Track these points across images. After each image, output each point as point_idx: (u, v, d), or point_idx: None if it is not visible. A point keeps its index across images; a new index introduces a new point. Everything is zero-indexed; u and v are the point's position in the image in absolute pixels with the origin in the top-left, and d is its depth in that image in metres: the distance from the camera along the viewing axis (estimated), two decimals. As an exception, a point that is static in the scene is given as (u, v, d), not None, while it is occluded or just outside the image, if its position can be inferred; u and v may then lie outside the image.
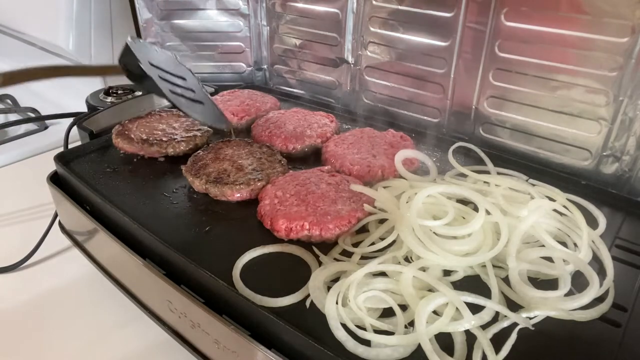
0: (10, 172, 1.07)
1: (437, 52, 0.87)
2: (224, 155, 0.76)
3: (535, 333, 0.48)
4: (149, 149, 0.78)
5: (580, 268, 0.55)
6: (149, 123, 0.85)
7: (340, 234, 0.61)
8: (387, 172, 0.73)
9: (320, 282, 0.53)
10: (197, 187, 0.71)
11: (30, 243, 0.80)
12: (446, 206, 0.60)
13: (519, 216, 0.60)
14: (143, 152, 0.79)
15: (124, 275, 0.67)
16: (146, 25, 1.13)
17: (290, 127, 0.85)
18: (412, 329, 0.48)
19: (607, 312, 0.51)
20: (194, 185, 0.71)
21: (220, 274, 0.53)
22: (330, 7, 0.99)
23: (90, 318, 0.70)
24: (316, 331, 0.48)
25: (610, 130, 0.73)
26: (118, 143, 0.80)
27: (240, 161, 0.74)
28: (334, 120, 0.90)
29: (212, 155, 0.76)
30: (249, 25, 1.14)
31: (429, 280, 0.52)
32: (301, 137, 0.83)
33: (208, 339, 0.54)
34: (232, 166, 0.73)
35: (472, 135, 0.88)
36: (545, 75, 0.76)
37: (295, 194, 0.66)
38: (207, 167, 0.73)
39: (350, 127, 0.91)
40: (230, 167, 0.73)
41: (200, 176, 0.70)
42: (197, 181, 0.70)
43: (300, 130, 0.84)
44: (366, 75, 1.00)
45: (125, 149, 0.79)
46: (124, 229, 0.64)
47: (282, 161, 0.75)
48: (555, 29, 0.72)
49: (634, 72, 0.68)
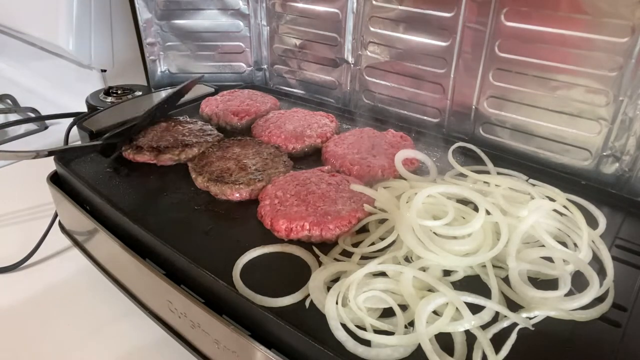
0: (10, 172, 1.07)
1: (437, 52, 0.87)
2: (231, 154, 0.76)
3: (535, 333, 0.48)
4: (162, 157, 0.77)
5: (580, 268, 0.55)
6: (157, 132, 0.84)
7: (340, 234, 0.61)
8: (387, 172, 0.73)
9: (320, 283, 0.53)
10: (199, 184, 0.71)
11: (30, 243, 0.80)
12: (446, 206, 0.60)
13: (519, 216, 0.60)
14: (155, 161, 0.78)
15: (123, 275, 0.67)
16: (146, 25, 1.13)
17: (290, 127, 0.85)
18: (412, 329, 0.48)
19: (607, 312, 0.51)
20: (196, 182, 0.71)
21: (220, 274, 0.53)
22: (330, 7, 0.99)
23: (90, 318, 0.70)
24: (316, 331, 0.48)
25: (610, 130, 0.73)
26: (128, 155, 0.79)
27: (245, 160, 0.75)
28: (334, 120, 0.90)
29: (219, 153, 0.77)
30: (249, 25, 1.14)
31: (429, 280, 0.52)
32: (301, 137, 0.83)
33: (208, 339, 0.54)
34: (236, 165, 0.73)
35: (472, 135, 0.88)
36: (545, 75, 0.76)
37: (295, 194, 0.66)
38: (212, 165, 0.73)
39: (350, 127, 0.91)
40: (234, 166, 0.73)
41: (203, 173, 0.71)
42: (199, 178, 0.71)
43: (300, 130, 0.84)
44: (366, 75, 1.00)
45: (136, 159, 0.78)
46: (124, 229, 0.64)
47: (286, 162, 0.75)
48: (555, 29, 0.72)
49: (634, 72, 0.68)
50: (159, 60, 1.18)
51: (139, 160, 0.78)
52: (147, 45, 1.15)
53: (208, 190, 0.70)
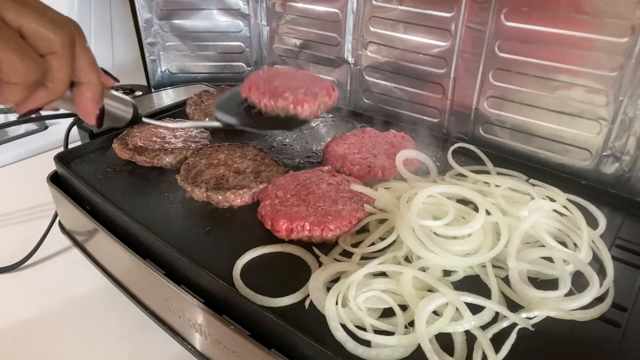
0: (10, 172, 1.07)
1: (437, 52, 0.87)
2: (218, 161, 0.74)
3: (535, 333, 0.48)
4: (138, 157, 0.76)
5: (580, 268, 0.55)
6: (152, 131, 0.83)
7: (340, 234, 0.61)
8: (387, 172, 0.73)
9: (320, 283, 0.53)
10: (198, 196, 0.68)
11: (30, 243, 0.80)
12: (446, 206, 0.60)
13: (519, 216, 0.60)
14: (134, 160, 0.77)
15: (124, 275, 0.67)
16: (146, 25, 1.13)
17: (277, 83, 0.70)
18: (412, 329, 0.48)
19: (607, 312, 0.51)
20: (193, 194, 0.68)
21: (220, 274, 0.53)
22: (330, 7, 0.99)
23: (90, 317, 0.70)
24: (316, 331, 0.48)
25: (610, 130, 0.73)
26: (115, 148, 0.78)
27: (236, 165, 0.73)
28: (333, 94, 0.72)
29: (205, 161, 0.74)
30: (249, 25, 1.14)
31: (429, 281, 0.52)
32: (275, 96, 0.68)
33: (208, 339, 0.54)
34: (229, 171, 0.71)
35: (472, 135, 0.88)
36: (545, 75, 0.76)
37: (295, 194, 0.66)
38: (203, 174, 0.70)
39: (350, 127, 0.91)
40: (227, 172, 0.71)
41: (199, 184, 0.68)
42: (196, 190, 0.68)
43: (281, 91, 0.69)
44: (366, 75, 1.00)
45: (120, 155, 0.77)
46: (124, 229, 0.64)
47: (278, 162, 0.75)
48: (555, 29, 0.72)
49: (634, 72, 0.68)
50: (159, 60, 1.18)
51: (122, 156, 0.77)
52: (147, 45, 1.15)
53: (209, 199, 0.68)
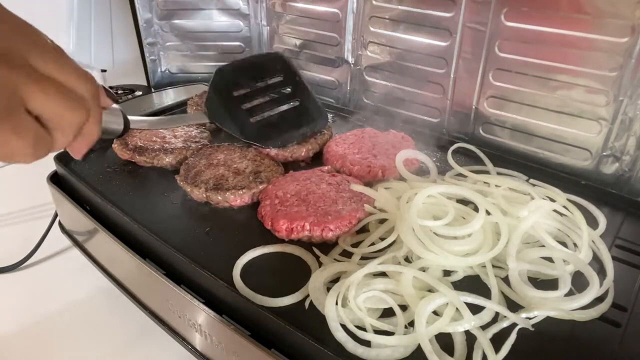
0: (10, 172, 1.07)
1: (437, 52, 0.87)
2: (217, 161, 0.74)
3: (535, 333, 0.48)
4: (138, 157, 0.76)
5: (580, 268, 0.55)
6: (151, 131, 0.81)
7: (340, 234, 0.61)
8: (387, 172, 0.73)
9: (320, 284, 0.53)
10: (197, 197, 0.68)
11: (30, 243, 0.80)
12: (446, 206, 0.60)
13: (519, 216, 0.60)
14: (134, 161, 0.76)
15: (124, 275, 0.67)
16: (146, 25, 1.13)
17: None
18: (412, 329, 0.48)
19: (607, 312, 0.51)
20: (192, 194, 0.68)
21: (220, 274, 0.53)
22: (330, 7, 0.99)
23: (90, 317, 0.70)
24: (316, 331, 0.48)
25: (610, 130, 0.73)
26: (115, 148, 0.78)
27: (236, 165, 0.73)
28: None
29: (204, 161, 0.73)
30: (249, 25, 1.14)
31: (429, 281, 0.52)
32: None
33: (208, 339, 0.54)
34: (229, 171, 0.71)
35: (472, 135, 0.88)
36: (545, 75, 0.76)
37: (295, 194, 0.66)
38: (202, 175, 0.70)
39: (350, 127, 0.91)
40: (227, 172, 0.71)
41: (198, 184, 0.68)
42: (195, 190, 0.67)
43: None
44: (366, 75, 1.00)
45: (120, 155, 0.77)
46: (124, 229, 0.64)
47: (277, 162, 0.75)
48: (555, 29, 0.72)
49: (634, 72, 0.68)
50: (159, 60, 1.18)
51: (122, 156, 0.77)
52: (147, 45, 1.15)
53: (208, 200, 0.67)
